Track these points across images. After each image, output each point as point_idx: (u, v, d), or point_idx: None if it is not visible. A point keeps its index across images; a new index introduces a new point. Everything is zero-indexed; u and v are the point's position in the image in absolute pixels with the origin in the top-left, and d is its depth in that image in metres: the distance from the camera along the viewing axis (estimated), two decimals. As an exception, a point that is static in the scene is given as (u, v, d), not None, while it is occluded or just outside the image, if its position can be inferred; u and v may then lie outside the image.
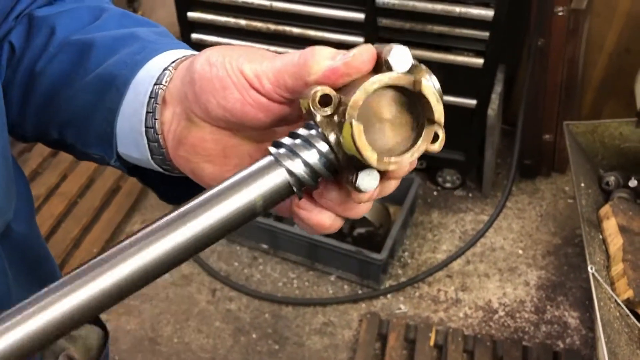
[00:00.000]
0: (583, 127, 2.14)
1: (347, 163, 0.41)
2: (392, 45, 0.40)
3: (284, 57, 0.43)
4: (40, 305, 0.37)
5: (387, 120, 0.41)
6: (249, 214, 0.41)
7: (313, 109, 0.40)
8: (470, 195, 2.65)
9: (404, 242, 2.44)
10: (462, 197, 2.64)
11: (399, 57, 0.40)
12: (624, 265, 1.69)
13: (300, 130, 0.42)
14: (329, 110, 0.41)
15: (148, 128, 0.50)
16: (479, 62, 2.17)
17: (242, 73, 0.43)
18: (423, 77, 0.40)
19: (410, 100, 0.41)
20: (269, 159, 0.42)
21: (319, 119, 0.41)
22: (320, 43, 0.49)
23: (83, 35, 0.56)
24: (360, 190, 0.41)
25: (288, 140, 0.42)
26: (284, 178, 0.41)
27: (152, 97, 0.50)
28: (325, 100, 0.41)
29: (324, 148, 0.42)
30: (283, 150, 0.42)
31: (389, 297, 2.27)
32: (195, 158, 0.49)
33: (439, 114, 0.41)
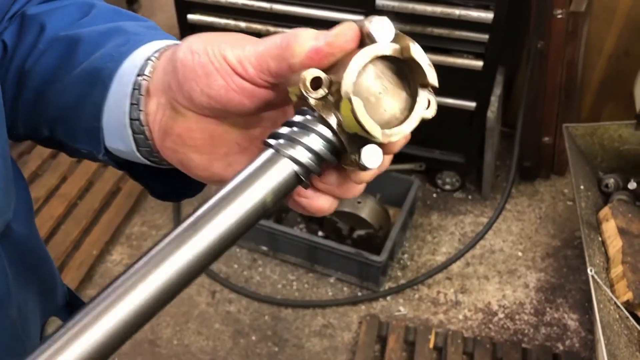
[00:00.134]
0: (582, 129, 2.15)
1: (349, 142, 0.40)
2: (371, 18, 0.39)
3: (267, 40, 0.42)
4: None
5: (380, 93, 0.40)
6: (261, 212, 0.40)
7: (306, 93, 0.39)
8: (470, 198, 2.65)
9: (404, 244, 2.44)
10: (461, 199, 2.65)
11: (381, 27, 0.39)
12: (624, 268, 1.70)
13: (296, 118, 0.41)
14: (323, 92, 0.39)
15: (133, 120, 0.49)
16: (479, 64, 2.18)
17: (224, 59, 0.43)
18: (407, 44, 0.39)
19: (400, 69, 0.40)
20: (271, 152, 0.41)
21: (314, 103, 0.39)
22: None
23: (70, 31, 0.55)
24: (366, 168, 0.40)
25: (285, 130, 0.41)
26: (291, 169, 0.40)
27: (135, 88, 0.49)
28: (317, 83, 0.39)
29: (325, 131, 0.40)
30: (283, 141, 0.41)
31: (389, 299, 2.27)
32: (183, 148, 0.48)
33: (432, 77, 0.40)
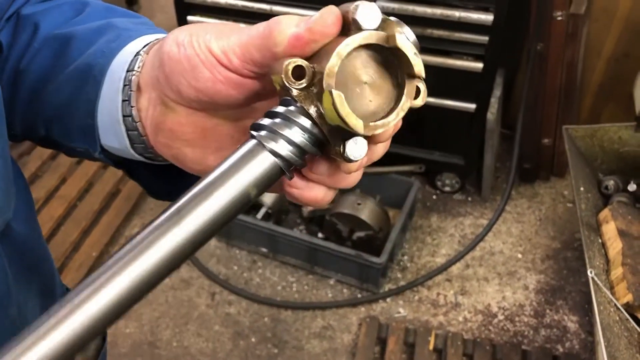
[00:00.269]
0: (582, 131, 2.15)
1: (332, 134, 0.39)
2: (357, 3, 0.38)
3: (251, 29, 0.41)
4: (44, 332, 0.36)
5: (366, 83, 0.39)
6: (244, 202, 0.40)
7: (287, 84, 0.38)
8: (470, 199, 2.65)
9: (403, 245, 2.44)
10: (461, 201, 2.65)
11: (367, 13, 0.37)
12: (624, 269, 1.70)
13: (278, 108, 0.40)
14: (305, 82, 0.38)
15: (125, 116, 0.49)
16: (479, 66, 2.18)
17: (209, 50, 0.42)
18: (396, 31, 0.38)
19: (387, 58, 0.39)
20: (252, 143, 0.40)
21: (296, 93, 0.38)
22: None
23: (64, 30, 0.55)
24: (350, 160, 0.39)
25: (267, 121, 0.40)
26: (272, 161, 0.40)
27: (126, 84, 0.48)
28: (299, 73, 0.38)
29: (306, 123, 0.39)
30: (264, 132, 0.40)
31: (389, 301, 2.27)
32: (175, 143, 0.47)
33: (419, 67, 0.38)
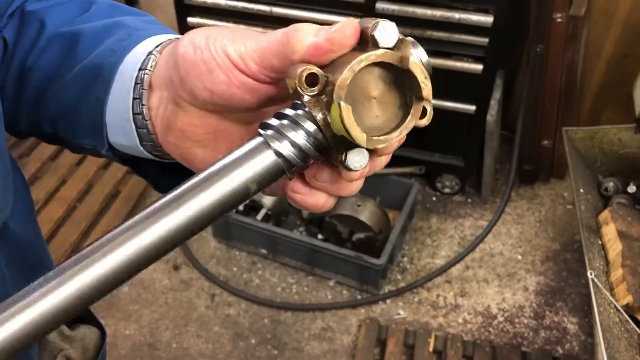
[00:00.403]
0: (582, 133, 2.15)
1: (335, 142, 0.41)
2: (378, 20, 0.39)
3: (268, 36, 0.42)
4: (34, 298, 0.36)
5: (374, 98, 0.40)
6: (243, 196, 0.41)
7: (300, 89, 0.39)
8: (469, 201, 2.65)
9: (403, 247, 2.44)
10: (461, 202, 2.65)
11: (386, 32, 0.39)
12: (623, 271, 1.70)
13: (287, 111, 0.41)
14: (316, 90, 0.40)
15: (136, 114, 0.49)
16: (478, 68, 2.18)
17: (226, 55, 0.42)
18: (410, 53, 0.39)
19: (398, 76, 0.41)
20: (257, 141, 0.41)
21: (306, 99, 0.40)
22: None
23: (71, 27, 0.55)
24: (350, 169, 0.40)
25: (275, 122, 0.41)
26: (273, 160, 0.41)
27: (137, 82, 0.49)
28: (312, 80, 0.40)
29: (312, 128, 0.41)
30: (271, 132, 0.41)
31: (388, 302, 2.27)
32: (185, 143, 0.48)
33: (427, 91, 0.40)
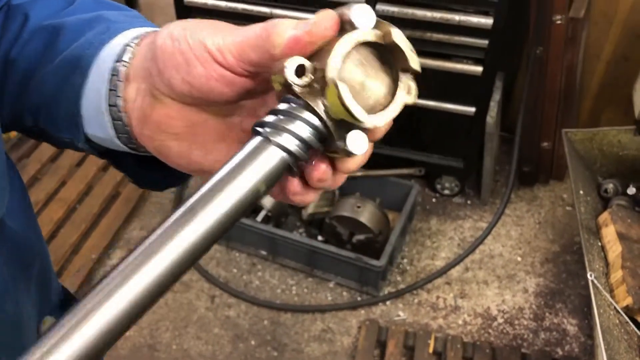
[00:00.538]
0: (582, 134, 2.15)
1: (336, 129, 0.41)
2: (352, 5, 0.39)
3: (246, 30, 0.42)
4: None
5: (363, 80, 0.41)
6: (254, 199, 0.41)
7: (291, 81, 0.39)
8: (469, 202, 2.65)
9: (403, 249, 2.44)
10: (460, 204, 2.65)
11: (363, 14, 0.39)
12: (623, 273, 1.70)
13: (281, 105, 0.41)
14: (308, 79, 0.40)
15: (111, 106, 0.49)
16: (478, 69, 2.18)
17: (204, 47, 0.42)
18: (391, 28, 0.40)
19: (382, 55, 0.41)
20: (259, 140, 0.41)
21: (299, 90, 0.40)
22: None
23: (54, 20, 0.56)
24: (353, 154, 0.40)
25: (271, 118, 0.41)
26: (280, 156, 0.41)
27: (113, 74, 0.49)
28: (301, 70, 0.40)
29: (311, 118, 0.41)
30: (269, 129, 0.41)
31: (388, 304, 2.27)
32: (160, 136, 0.48)
33: (415, 62, 0.40)
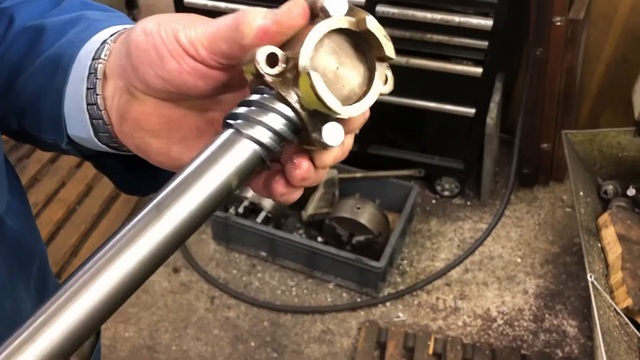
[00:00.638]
0: (581, 136, 2.15)
1: (309, 120, 0.39)
2: None
3: (218, 21, 0.41)
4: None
5: (337, 68, 0.40)
6: (226, 194, 0.40)
7: (262, 71, 0.38)
8: (469, 204, 2.65)
9: (403, 250, 2.44)
10: (460, 205, 2.65)
11: (335, 1, 0.38)
12: (623, 274, 1.70)
13: (253, 97, 0.40)
14: (280, 69, 0.38)
15: (90, 105, 0.49)
16: (478, 71, 2.18)
17: (177, 40, 0.42)
18: (365, 15, 0.39)
19: (357, 43, 0.40)
20: (230, 132, 0.40)
21: (271, 80, 0.38)
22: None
23: (37, 21, 0.55)
24: (328, 146, 0.39)
25: (243, 109, 0.40)
26: (252, 149, 0.40)
27: (91, 72, 0.48)
28: (273, 60, 0.38)
29: (283, 109, 0.39)
30: (241, 121, 0.40)
31: (388, 305, 2.27)
32: (139, 133, 0.47)
33: (389, 49, 0.39)
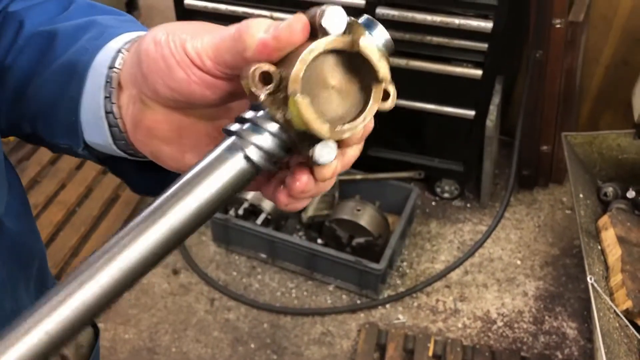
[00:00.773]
0: (581, 138, 2.16)
1: (300, 139, 0.40)
2: (323, 8, 0.38)
3: (223, 31, 0.42)
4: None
5: (333, 87, 0.39)
6: (218, 203, 0.40)
7: (254, 89, 0.38)
8: (469, 206, 2.66)
9: (403, 252, 2.44)
10: (460, 207, 2.65)
11: (333, 18, 0.37)
12: (623, 276, 1.70)
13: (247, 114, 0.41)
14: (272, 88, 0.39)
15: (107, 113, 0.49)
16: (478, 73, 2.19)
17: (184, 50, 0.42)
18: (361, 35, 0.38)
19: (353, 61, 0.39)
20: (222, 148, 0.41)
21: (263, 98, 0.39)
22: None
23: (48, 26, 0.56)
24: (319, 164, 0.39)
25: (236, 127, 0.41)
26: (243, 165, 0.40)
27: (107, 81, 0.49)
28: (266, 78, 0.39)
29: (274, 128, 0.40)
30: (235, 138, 0.40)
31: (388, 307, 2.27)
32: (153, 141, 0.48)
33: (383, 72, 0.39)
